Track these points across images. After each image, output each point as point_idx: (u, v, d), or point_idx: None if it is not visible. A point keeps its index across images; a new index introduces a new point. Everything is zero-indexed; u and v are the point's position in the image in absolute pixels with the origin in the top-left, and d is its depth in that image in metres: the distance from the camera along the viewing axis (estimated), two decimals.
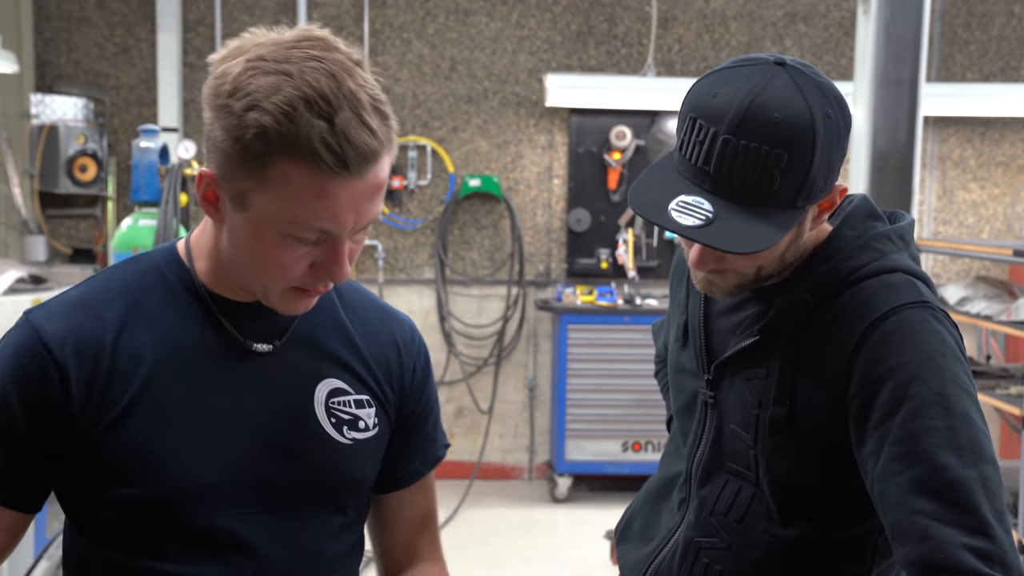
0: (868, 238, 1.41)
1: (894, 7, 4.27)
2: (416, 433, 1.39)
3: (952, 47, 6.19)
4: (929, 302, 1.35)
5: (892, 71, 4.31)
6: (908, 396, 1.26)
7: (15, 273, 4.34)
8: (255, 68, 1.09)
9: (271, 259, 1.14)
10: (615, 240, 6.02)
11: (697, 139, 1.30)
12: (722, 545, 1.48)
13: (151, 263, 1.27)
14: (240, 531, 1.22)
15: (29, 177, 5.51)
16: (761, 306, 1.45)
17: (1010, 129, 6.25)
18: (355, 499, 1.33)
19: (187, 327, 1.23)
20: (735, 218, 1.28)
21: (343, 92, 1.07)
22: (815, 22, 6.13)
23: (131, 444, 1.18)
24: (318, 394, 1.27)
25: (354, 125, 1.07)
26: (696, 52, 6.09)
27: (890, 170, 4.35)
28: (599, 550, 4.63)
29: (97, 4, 5.86)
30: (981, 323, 4.38)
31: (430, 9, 5.98)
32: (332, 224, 1.12)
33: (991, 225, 6.31)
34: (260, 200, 1.11)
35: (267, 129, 1.07)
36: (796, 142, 1.27)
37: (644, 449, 5.65)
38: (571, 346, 5.63)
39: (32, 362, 1.18)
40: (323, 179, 1.08)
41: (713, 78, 1.34)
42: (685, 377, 1.57)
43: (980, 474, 1.21)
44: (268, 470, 1.24)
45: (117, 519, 1.21)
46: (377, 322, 1.36)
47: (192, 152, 4.26)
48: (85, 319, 1.20)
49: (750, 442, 1.44)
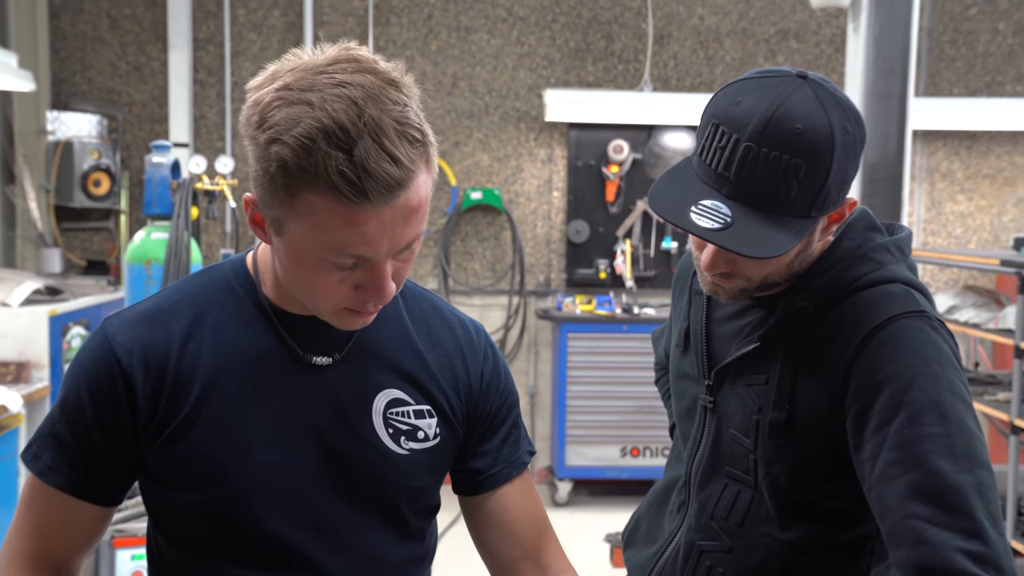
0: (867, 249, 1.41)
1: (883, 24, 4.28)
2: (493, 436, 1.36)
3: (939, 63, 6.20)
4: (926, 312, 1.35)
5: (882, 86, 4.32)
6: (905, 403, 1.26)
7: (32, 284, 4.34)
8: (280, 99, 1.06)
9: (313, 283, 1.14)
10: (613, 251, 6.02)
11: (719, 145, 1.30)
12: (723, 548, 1.48)
13: (221, 275, 1.28)
14: (298, 540, 1.22)
15: (45, 191, 5.52)
16: (762, 313, 1.45)
17: (996, 142, 6.26)
18: (415, 508, 1.30)
19: (250, 339, 1.23)
20: (751, 224, 1.28)
21: (364, 120, 1.04)
22: (807, 39, 6.14)
23: (194, 450, 1.20)
24: (376, 405, 1.26)
25: (373, 155, 1.04)
26: (691, 68, 6.10)
27: (880, 182, 4.36)
28: (599, 553, 4.61)
29: (110, 24, 5.87)
30: (969, 331, 4.38)
31: (432, 27, 5.99)
32: (365, 250, 1.09)
33: (978, 236, 6.31)
34: (293, 228, 1.10)
35: (287, 163, 1.05)
36: (815, 153, 1.27)
37: (642, 454, 5.63)
38: (571, 354, 5.62)
39: (103, 369, 1.21)
40: (349, 209, 1.06)
41: (737, 87, 1.34)
42: (686, 382, 1.57)
43: (975, 479, 1.21)
44: (324, 479, 1.23)
45: (184, 521, 1.23)
46: (442, 329, 1.34)
47: (203, 167, 4.26)
48: (153, 330, 1.22)
49: (750, 446, 1.43)
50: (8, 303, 4.18)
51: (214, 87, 5.92)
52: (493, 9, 6.01)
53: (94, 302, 4.68)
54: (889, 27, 4.29)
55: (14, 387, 3.96)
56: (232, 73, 5.90)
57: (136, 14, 5.87)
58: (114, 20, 5.87)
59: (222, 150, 5.90)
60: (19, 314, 4.11)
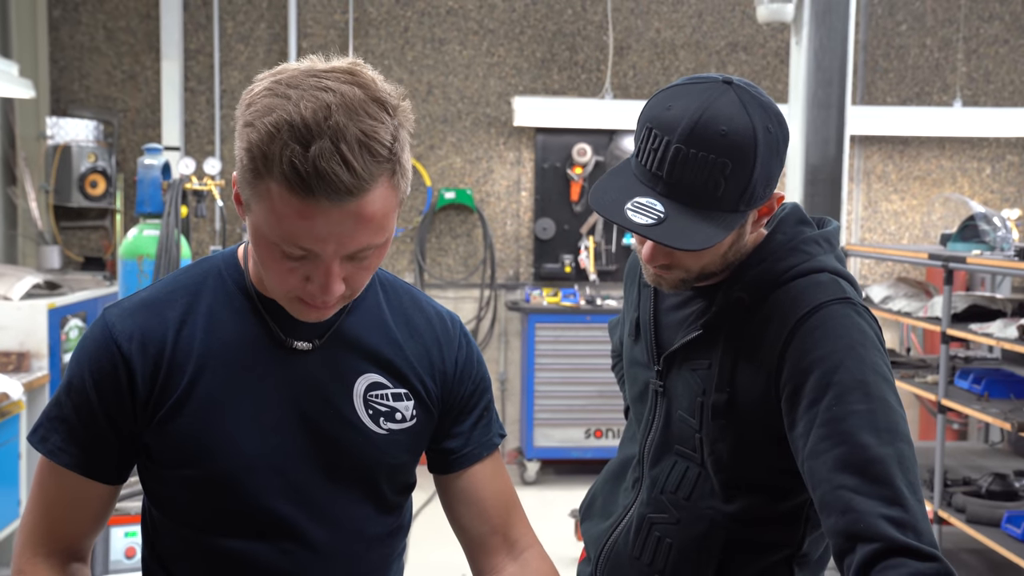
0: (798, 241, 1.42)
1: (822, 38, 4.31)
2: (466, 419, 1.35)
3: (874, 74, 6.26)
4: (852, 298, 1.36)
5: (822, 95, 4.35)
6: (833, 383, 1.27)
7: (32, 280, 4.30)
8: (269, 90, 1.06)
9: (268, 266, 1.13)
10: (577, 247, 6.03)
11: (652, 147, 1.31)
12: (671, 520, 1.49)
13: (212, 266, 1.27)
14: (285, 512, 1.22)
15: (45, 192, 5.45)
16: (704, 303, 1.46)
17: (925, 147, 6.33)
18: (393, 484, 1.30)
19: (237, 325, 1.23)
20: (684, 219, 1.29)
21: (329, 124, 1.02)
22: (754, 51, 6.17)
23: (186, 429, 1.19)
24: (357, 388, 1.26)
25: (326, 155, 1.02)
26: (649, 77, 6.12)
27: (821, 183, 4.39)
28: (565, 527, 4.62)
29: (107, 36, 5.80)
30: (902, 319, 4.42)
31: (409, 39, 5.97)
32: (312, 244, 1.08)
33: (910, 232, 6.38)
34: (256, 210, 1.09)
35: (253, 146, 1.05)
36: (740, 152, 1.28)
37: (605, 436, 5.65)
38: (538, 343, 5.62)
39: (105, 355, 1.20)
40: (299, 200, 1.04)
41: (668, 93, 1.34)
42: (638, 369, 1.58)
43: (896, 452, 1.22)
44: (309, 456, 1.23)
45: (179, 496, 1.23)
46: (420, 319, 1.33)
47: (192, 168, 4.22)
48: (150, 317, 1.22)
49: (696, 426, 1.44)
50: (10, 297, 4.14)
51: (204, 94, 5.87)
52: (465, 22, 5.99)
53: (91, 296, 4.63)
54: (828, 41, 4.32)
55: (15, 376, 3.92)
56: (221, 81, 5.85)
57: (131, 26, 5.81)
58: (110, 32, 5.80)
59: (211, 153, 5.85)
60: (20, 307, 4.06)
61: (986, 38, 6.28)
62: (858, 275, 6.34)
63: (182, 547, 1.25)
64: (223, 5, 5.84)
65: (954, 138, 6.27)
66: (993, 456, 4.70)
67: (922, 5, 6.23)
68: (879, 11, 6.22)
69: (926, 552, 1.15)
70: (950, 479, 4.11)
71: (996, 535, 3.63)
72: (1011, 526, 3.62)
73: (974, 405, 3.83)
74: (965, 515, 3.80)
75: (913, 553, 1.15)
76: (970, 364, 4.50)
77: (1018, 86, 6.32)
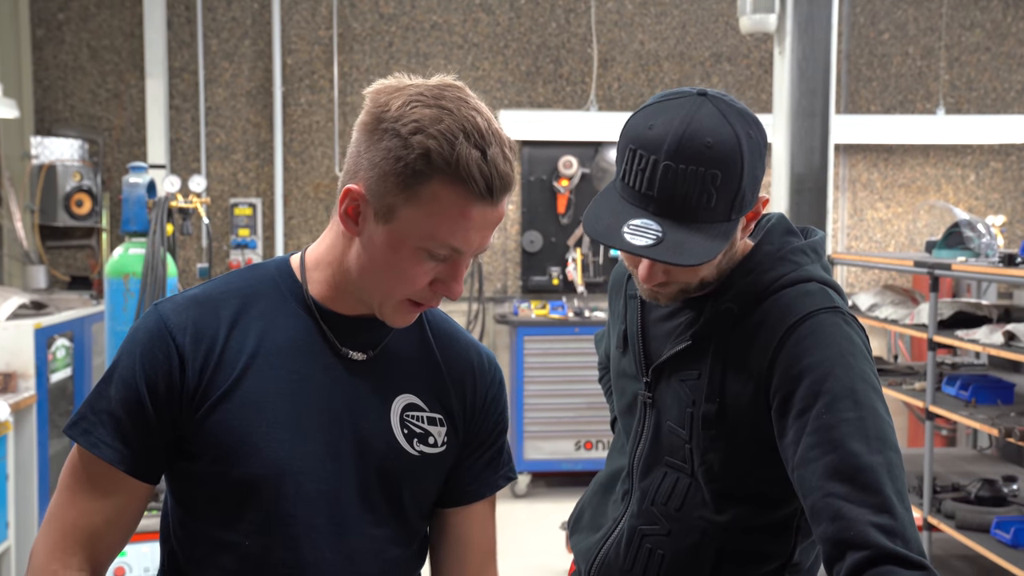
0: (785, 252, 1.42)
1: (806, 49, 4.35)
2: (481, 456, 1.35)
3: (857, 83, 6.30)
4: (839, 307, 1.37)
5: (806, 104, 4.38)
6: (823, 391, 1.27)
7: (18, 300, 4.27)
8: (417, 101, 1.13)
9: (401, 270, 1.17)
10: (565, 259, 6.04)
11: (639, 168, 1.31)
12: (662, 531, 1.48)
13: (266, 273, 1.29)
14: (310, 521, 1.22)
15: (30, 212, 5.43)
16: (692, 314, 1.46)
17: (909, 155, 6.37)
18: (418, 508, 1.30)
19: (290, 330, 1.24)
20: (681, 235, 1.29)
21: (492, 130, 1.14)
22: (738, 62, 6.21)
23: (225, 427, 1.20)
24: (395, 406, 1.27)
25: (500, 160, 1.13)
26: (633, 89, 6.15)
27: (807, 192, 4.42)
28: (556, 540, 4.62)
29: (90, 55, 5.79)
30: (889, 326, 4.44)
31: (393, 54, 5.98)
32: (463, 243, 1.15)
33: (896, 240, 6.42)
34: (406, 214, 1.14)
35: (431, 151, 1.11)
36: (727, 162, 1.29)
37: (595, 448, 5.65)
38: (527, 355, 5.62)
39: (159, 345, 1.21)
40: (468, 201, 1.13)
41: (646, 112, 1.34)
42: (626, 381, 1.57)
43: (885, 460, 1.23)
44: (342, 469, 1.23)
45: (206, 492, 1.22)
46: (459, 348, 1.35)
47: (177, 186, 4.20)
48: (204, 313, 1.23)
49: (686, 437, 1.44)
50: None
51: (189, 112, 5.87)
52: (449, 36, 6.01)
53: (77, 315, 4.60)
54: (811, 51, 4.35)
55: (2, 396, 3.89)
56: (206, 99, 5.85)
57: (115, 45, 5.81)
58: (94, 51, 5.80)
59: (197, 170, 5.84)
60: (5, 328, 4.04)
61: (968, 46, 6.34)
62: (845, 283, 6.37)
63: (203, 548, 1.24)
64: (207, 23, 5.84)
65: (938, 145, 6.32)
66: (981, 462, 4.71)
67: (904, 14, 6.29)
68: (861, 20, 6.27)
69: (914, 560, 1.16)
70: (939, 485, 4.12)
71: (986, 541, 3.64)
72: (1000, 531, 3.63)
73: (962, 411, 3.85)
74: (954, 521, 3.81)
75: (901, 561, 1.16)
76: (957, 370, 4.52)
77: (1000, 93, 6.38)
